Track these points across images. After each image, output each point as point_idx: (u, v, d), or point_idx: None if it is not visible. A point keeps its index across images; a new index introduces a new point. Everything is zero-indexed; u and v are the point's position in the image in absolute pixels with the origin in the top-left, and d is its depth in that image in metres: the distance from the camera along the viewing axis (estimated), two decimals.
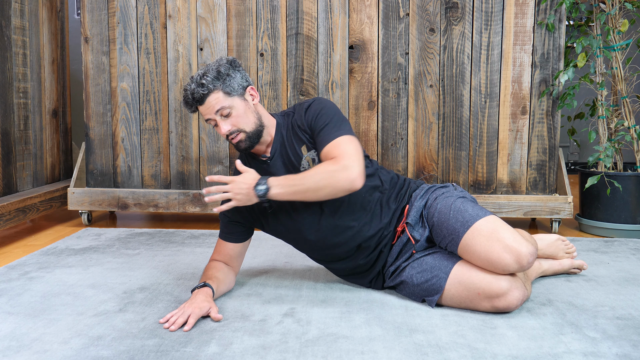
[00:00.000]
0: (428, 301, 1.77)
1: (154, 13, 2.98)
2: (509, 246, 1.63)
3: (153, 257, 2.39)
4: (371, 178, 1.87)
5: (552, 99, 2.89)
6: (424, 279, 1.78)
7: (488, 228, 1.68)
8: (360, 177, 1.69)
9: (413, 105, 2.93)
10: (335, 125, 1.78)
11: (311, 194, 1.71)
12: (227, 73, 1.78)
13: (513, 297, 1.67)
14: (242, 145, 1.81)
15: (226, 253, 1.94)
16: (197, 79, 1.77)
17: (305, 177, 1.71)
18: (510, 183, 2.94)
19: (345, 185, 1.69)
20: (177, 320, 1.62)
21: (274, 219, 1.89)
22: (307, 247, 1.92)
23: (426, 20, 2.88)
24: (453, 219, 1.75)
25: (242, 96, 1.81)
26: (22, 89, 3.03)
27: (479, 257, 1.67)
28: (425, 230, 1.84)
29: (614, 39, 2.84)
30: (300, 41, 2.93)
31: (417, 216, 1.86)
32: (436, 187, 1.93)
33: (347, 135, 1.76)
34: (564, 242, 2.14)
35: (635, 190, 2.79)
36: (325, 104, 1.84)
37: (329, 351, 1.48)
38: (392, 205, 1.89)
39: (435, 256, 1.80)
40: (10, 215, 2.73)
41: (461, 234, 1.71)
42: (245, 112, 1.79)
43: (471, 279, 1.70)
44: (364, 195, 1.84)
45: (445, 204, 1.80)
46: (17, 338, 1.56)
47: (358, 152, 1.73)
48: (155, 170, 3.06)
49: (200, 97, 1.76)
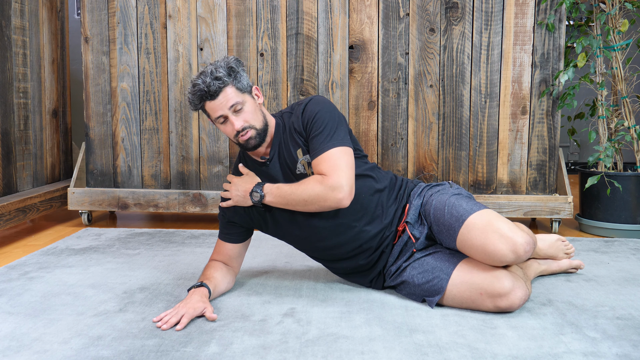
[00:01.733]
0: (428, 301, 1.77)
1: (154, 13, 2.98)
2: (504, 235, 1.63)
3: (153, 257, 2.39)
4: (370, 180, 1.87)
5: (552, 99, 2.89)
6: (425, 279, 1.78)
7: (483, 220, 1.68)
8: (348, 195, 1.72)
9: (413, 105, 2.93)
10: (329, 133, 1.77)
11: (301, 207, 1.77)
12: (237, 70, 1.79)
13: (516, 296, 1.67)
14: (252, 143, 1.80)
15: (225, 253, 1.94)
16: (210, 72, 1.75)
17: (295, 192, 1.75)
18: (511, 183, 2.94)
19: (332, 204, 1.73)
20: (170, 320, 1.63)
21: (273, 222, 1.89)
22: (308, 247, 1.92)
23: (426, 20, 2.88)
24: (448, 215, 1.76)
25: (251, 94, 1.82)
26: (22, 89, 3.03)
27: (476, 250, 1.68)
28: (425, 228, 1.84)
29: (614, 39, 2.84)
30: (300, 41, 2.93)
31: (416, 214, 1.87)
32: (432, 185, 1.94)
33: (339, 147, 1.75)
34: (563, 242, 2.14)
35: (635, 190, 2.79)
36: (322, 105, 1.82)
37: (329, 351, 1.48)
38: (393, 205, 1.89)
39: (436, 256, 1.80)
40: (10, 215, 2.73)
41: (457, 228, 1.72)
42: (254, 109, 1.81)
43: (473, 279, 1.70)
44: (365, 197, 1.84)
45: (440, 201, 1.81)
46: (17, 338, 1.56)
47: (348, 167, 1.74)
48: (155, 170, 3.06)
49: (216, 89, 1.73)
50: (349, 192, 1.72)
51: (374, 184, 1.87)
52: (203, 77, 1.75)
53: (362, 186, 1.84)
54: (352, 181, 1.74)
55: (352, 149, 1.80)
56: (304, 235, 1.88)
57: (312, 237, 1.87)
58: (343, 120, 1.84)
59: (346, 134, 1.81)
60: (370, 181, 1.86)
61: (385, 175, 1.94)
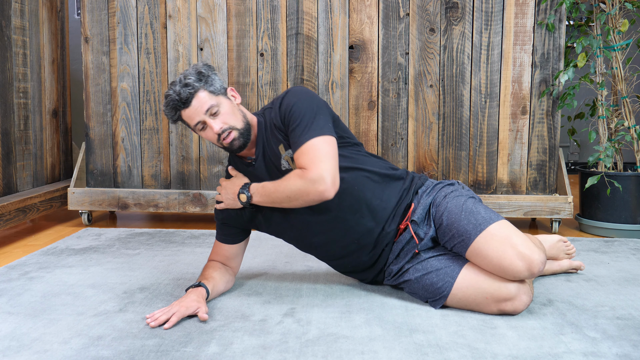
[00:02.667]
0: (432, 303, 1.76)
1: (154, 13, 2.98)
2: (521, 253, 1.61)
3: (153, 257, 2.39)
4: (363, 172, 1.81)
5: (552, 99, 2.89)
6: (429, 282, 1.74)
7: (502, 233, 1.65)
8: (331, 187, 1.65)
9: (413, 105, 2.93)
10: (307, 124, 1.71)
11: (286, 204, 1.73)
12: (208, 74, 1.76)
13: (521, 301, 1.67)
14: (237, 144, 1.77)
15: (223, 254, 1.94)
16: (179, 81, 1.73)
17: (278, 190, 1.71)
18: (511, 183, 2.94)
19: (315, 198, 1.67)
20: (160, 318, 1.63)
21: (266, 221, 1.87)
22: (305, 244, 1.90)
23: (426, 20, 2.88)
24: (465, 220, 1.71)
25: (226, 96, 1.80)
26: (22, 89, 3.03)
27: (490, 262, 1.64)
28: (430, 229, 1.79)
29: (614, 39, 2.84)
30: (300, 41, 2.93)
31: (424, 214, 1.81)
32: (444, 184, 1.88)
33: (317, 137, 1.68)
34: (565, 243, 2.14)
35: (635, 190, 2.79)
36: (299, 96, 1.76)
37: (329, 351, 1.48)
38: (393, 199, 1.83)
39: (440, 259, 1.76)
40: (10, 215, 2.73)
41: (473, 236, 1.68)
42: (232, 110, 1.78)
43: (479, 284, 1.68)
44: (358, 189, 1.79)
45: (456, 204, 1.76)
46: (17, 338, 1.56)
47: (328, 157, 1.67)
48: (155, 170, 3.06)
49: (187, 96, 1.71)
50: (332, 183, 1.65)
51: (368, 175, 1.81)
52: (173, 87, 1.74)
53: (355, 177, 1.78)
54: (334, 171, 1.67)
55: (334, 137, 1.72)
56: (298, 233, 1.85)
57: (306, 233, 1.84)
58: (323, 108, 1.76)
59: (327, 122, 1.74)
60: (362, 172, 1.80)
61: (385, 166, 1.87)
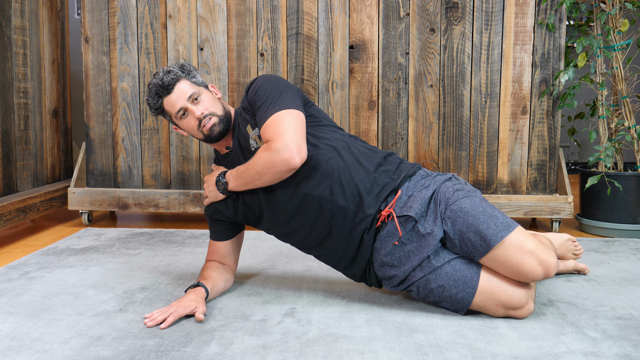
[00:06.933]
0: (453, 311, 1.73)
1: (154, 13, 2.98)
2: (540, 258, 1.62)
3: (153, 257, 2.39)
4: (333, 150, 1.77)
5: (553, 99, 2.88)
6: (448, 294, 1.69)
7: (519, 239, 1.65)
8: (296, 154, 1.63)
9: (413, 105, 2.93)
10: (272, 101, 1.72)
11: (259, 182, 1.73)
12: (190, 69, 1.87)
13: (528, 309, 1.68)
14: (217, 129, 1.81)
15: (218, 252, 1.96)
16: (162, 70, 1.83)
17: (248, 168, 1.73)
18: (511, 183, 2.94)
19: (282, 167, 1.65)
20: (157, 318, 1.64)
21: (246, 209, 1.85)
22: (285, 232, 1.84)
23: (426, 20, 2.88)
24: (484, 225, 1.65)
25: (207, 89, 1.89)
26: (23, 88, 3.03)
27: (508, 268, 1.64)
28: (439, 229, 1.68)
29: (614, 38, 2.84)
30: (300, 41, 2.93)
31: (423, 209, 1.71)
32: (443, 177, 1.80)
33: (281, 110, 1.69)
34: (573, 242, 2.14)
35: (635, 190, 2.79)
36: (266, 78, 1.82)
37: (329, 351, 1.48)
38: (368, 178, 1.75)
39: (454, 265, 1.69)
40: (10, 215, 2.73)
41: (493, 243, 1.63)
42: (213, 100, 1.86)
43: (492, 291, 1.67)
44: (326, 165, 1.74)
45: (472, 206, 1.68)
46: (17, 338, 1.56)
47: (292, 127, 1.66)
48: (155, 170, 3.06)
49: (170, 81, 1.79)
50: (297, 150, 1.63)
51: (340, 151, 1.77)
52: (156, 76, 1.83)
53: (324, 153, 1.75)
54: (299, 139, 1.65)
55: (300, 112, 1.72)
56: (275, 217, 1.81)
57: (282, 216, 1.79)
58: (291, 89, 1.78)
59: (294, 100, 1.74)
60: (333, 150, 1.76)
61: (363, 145, 1.84)
